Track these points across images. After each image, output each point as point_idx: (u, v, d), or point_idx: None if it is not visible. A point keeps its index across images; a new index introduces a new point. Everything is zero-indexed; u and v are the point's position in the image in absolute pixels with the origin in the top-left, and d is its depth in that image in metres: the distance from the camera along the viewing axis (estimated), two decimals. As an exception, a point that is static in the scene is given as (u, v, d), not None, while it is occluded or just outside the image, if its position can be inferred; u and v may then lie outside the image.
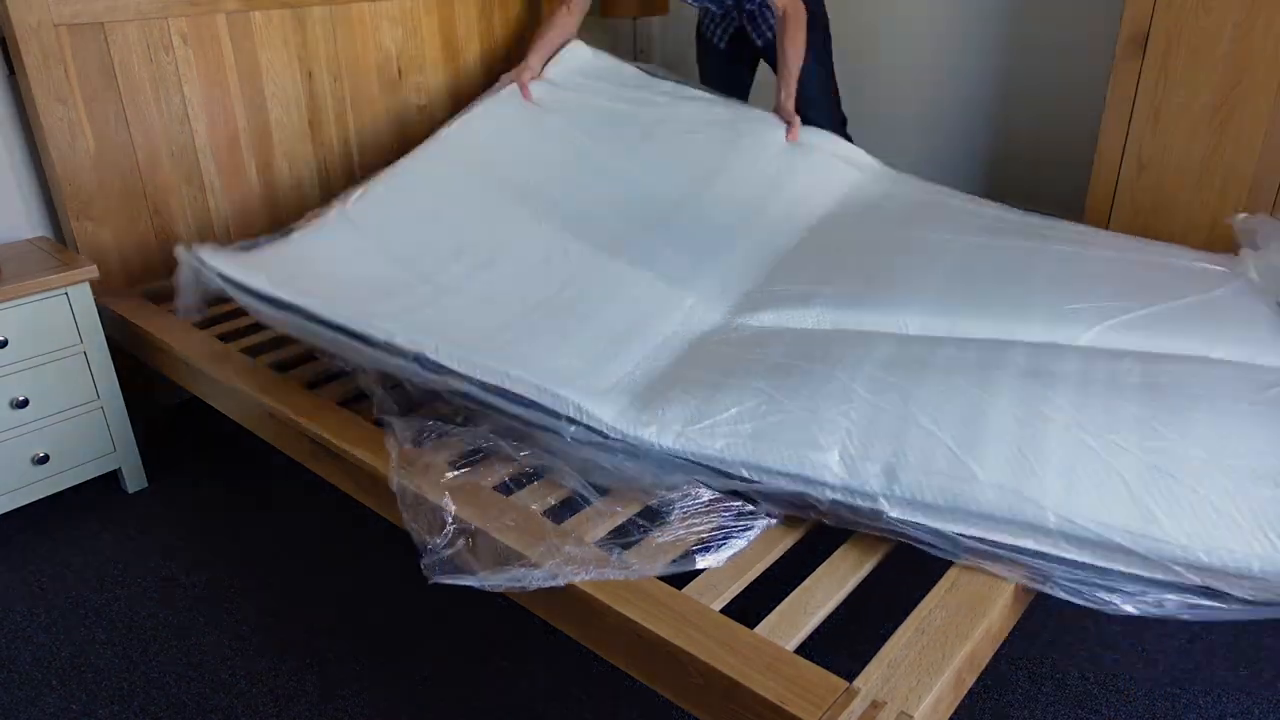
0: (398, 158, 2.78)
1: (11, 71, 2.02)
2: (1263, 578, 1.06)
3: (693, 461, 1.35)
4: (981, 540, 1.18)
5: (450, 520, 1.34)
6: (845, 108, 2.67)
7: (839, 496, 1.25)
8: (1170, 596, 1.10)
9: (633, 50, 3.51)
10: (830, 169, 2.29)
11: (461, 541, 1.32)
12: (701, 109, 2.41)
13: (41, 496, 2.01)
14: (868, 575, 1.25)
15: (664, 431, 1.38)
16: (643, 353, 1.65)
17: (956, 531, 1.19)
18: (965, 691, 1.13)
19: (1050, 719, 1.47)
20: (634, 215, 2.08)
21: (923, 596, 1.16)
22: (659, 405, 1.43)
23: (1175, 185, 2.15)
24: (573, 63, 2.56)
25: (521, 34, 2.94)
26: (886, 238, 1.99)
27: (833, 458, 1.27)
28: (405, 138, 2.71)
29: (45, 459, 1.96)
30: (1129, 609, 1.11)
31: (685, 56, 3.51)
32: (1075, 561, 1.15)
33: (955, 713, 1.47)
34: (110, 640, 1.68)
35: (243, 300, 1.73)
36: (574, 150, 2.29)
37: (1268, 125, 1.98)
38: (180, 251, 1.82)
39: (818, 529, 1.35)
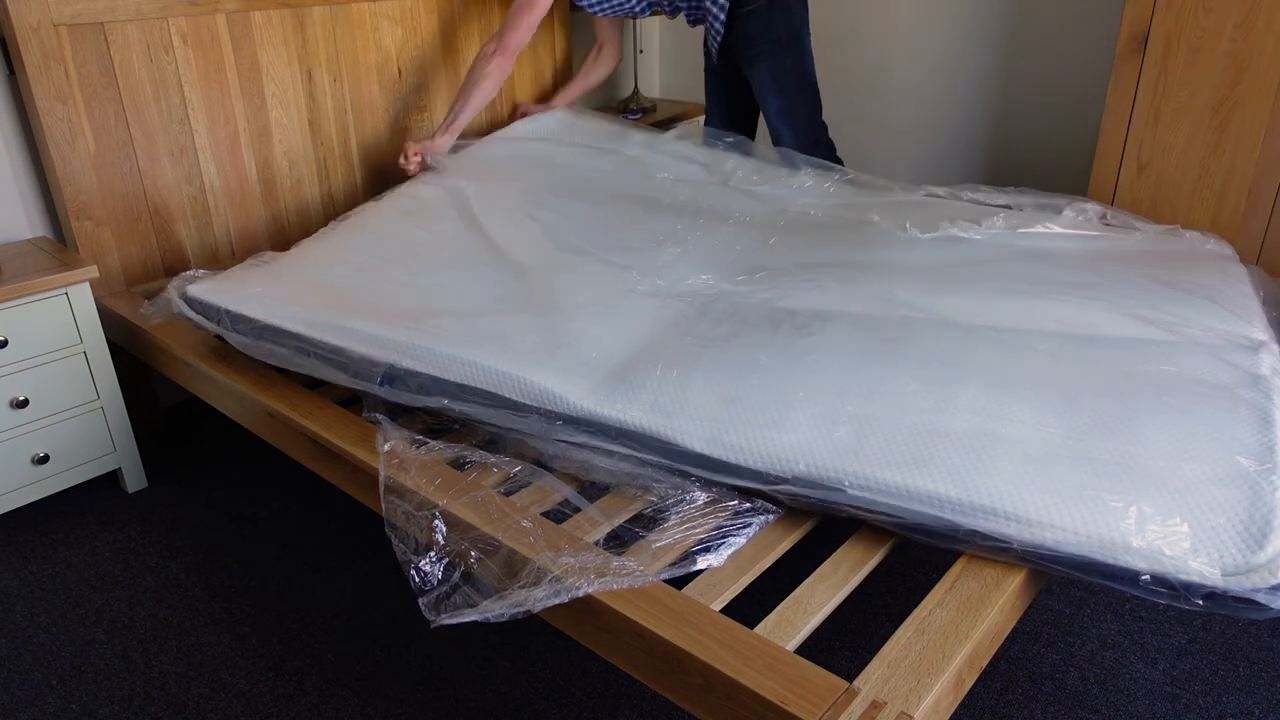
0: (398, 156, 2.78)
1: (11, 71, 2.02)
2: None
3: (658, 439, 1.37)
4: (933, 517, 1.22)
5: (441, 541, 1.34)
6: (845, 110, 2.66)
7: (801, 471, 1.29)
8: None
9: (633, 50, 3.50)
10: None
11: (457, 573, 1.32)
12: (674, 152, 2.50)
13: (41, 496, 2.01)
14: (868, 575, 1.25)
15: (630, 408, 1.41)
16: (607, 325, 1.65)
17: (907, 507, 1.23)
18: (965, 691, 1.13)
19: (1050, 719, 1.47)
20: (588, 230, 2.10)
21: (923, 596, 1.16)
22: (631, 382, 1.46)
23: (1175, 185, 2.15)
24: (549, 122, 2.69)
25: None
26: (873, 225, 2.05)
27: (794, 438, 1.32)
28: (405, 137, 2.72)
29: (45, 459, 1.96)
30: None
31: (685, 56, 3.51)
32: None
33: (955, 713, 1.47)
34: (110, 640, 1.68)
35: (209, 327, 1.79)
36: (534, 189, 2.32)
37: (1268, 125, 1.98)
38: (172, 285, 1.88)
39: (817, 529, 1.35)
